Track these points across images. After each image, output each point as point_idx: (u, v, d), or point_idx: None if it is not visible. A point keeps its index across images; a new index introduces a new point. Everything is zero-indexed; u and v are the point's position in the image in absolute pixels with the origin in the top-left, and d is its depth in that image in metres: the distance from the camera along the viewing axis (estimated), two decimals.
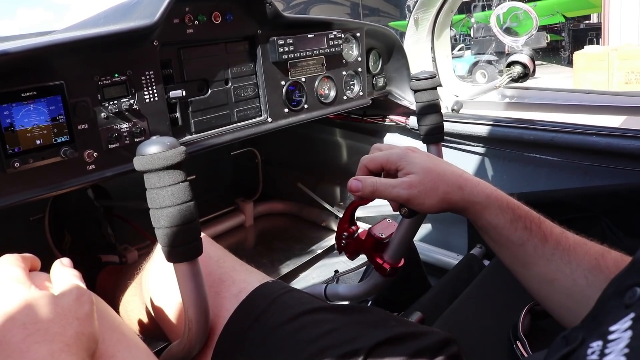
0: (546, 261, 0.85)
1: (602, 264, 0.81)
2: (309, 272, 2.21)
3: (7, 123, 1.02)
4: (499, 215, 0.88)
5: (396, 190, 0.91)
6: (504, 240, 0.88)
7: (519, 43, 2.08)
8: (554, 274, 0.84)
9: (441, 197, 0.89)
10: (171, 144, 0.81)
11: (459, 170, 0.94)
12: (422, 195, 0.89)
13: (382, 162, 0.97)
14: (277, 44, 1.52)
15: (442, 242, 2.13)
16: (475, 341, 1.14)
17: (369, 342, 0.86)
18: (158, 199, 0.81)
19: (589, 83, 9.47)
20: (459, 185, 0.90)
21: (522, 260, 0.88)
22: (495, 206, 0.88)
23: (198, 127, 1.42)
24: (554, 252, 0.84)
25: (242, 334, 0.92)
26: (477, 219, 0.90)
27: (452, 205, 0.90)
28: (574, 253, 0.83)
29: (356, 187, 0.95)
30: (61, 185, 1.14)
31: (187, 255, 0.85)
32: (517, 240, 0.87)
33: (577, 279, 0.82)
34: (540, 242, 0.85)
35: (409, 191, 0.90)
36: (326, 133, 2.54)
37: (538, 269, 0.86)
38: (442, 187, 0.89)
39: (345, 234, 1.18)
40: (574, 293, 0.82)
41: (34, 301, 0.67)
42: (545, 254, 0.85)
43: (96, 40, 1.17)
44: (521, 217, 0.87)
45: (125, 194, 2.14)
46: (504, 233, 0.88)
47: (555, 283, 0.84)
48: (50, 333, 0.64)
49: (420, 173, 0.90)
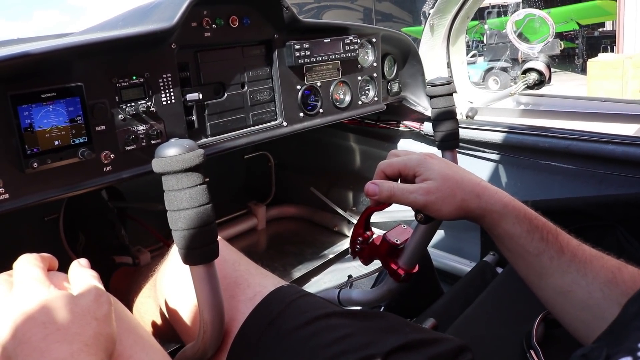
0: (562, 273, 0.84)
1: (618, 277, 0.81)
2: (321, 277, 2.20)
3: (26, 123, 1.02)
4: (516, 225, 0.87)
5: (413, 196, 0.90)
6: (519, 250, 0.88)
7: (535, 50, 2.08)
8: (569, 286, 0.83)
9: (458, 204, 0.89)
10: (190, 147, 0.81)
11: (477, 178, 0.94)
12: (439, 201, 0.89)
13: (400, 167, 0.96)
14: (294, 49, 1.53)
15: (455, 249, 2.13)
16: (488, 349, 1.14)
17: (384, 348, 0.85)
18: (176, 201, 0.81)
19: (603, 91, 9.41)
20: (477, 194, 0.90)
21: (538, 271, 0.87)
22: (512, 216, 0.88)
23: (214, 130, 1.42)
24: (570, 264, 0.84)
25: (257, 338, 0.92)
26: (493, 227, 0.90)
27: (468, 213, 0.90)
28: (590, 266, 0.83)
29: (373, 191, 0.95)
30: (78, 186, 1.15)
31: (204, 258, 0.85)
32: (533, 250, 0.86)
33: (593, 292, 0.81)
34: (557, 254, 0.84)
35: (426, 197, 0.89)
36: (340, 138, 2.54)
37: (553, 280, 0.85)
38: (460, 194, 0.89)
39: (360, 239, 1.18)
40: (589, 306, 0.82)
41: (53, 301, 0.67)
42: (561, 266, 0.84)
43: (115, 43, 1.18)
44: (538, 227, 0.86)
45: (139, 195, 2.15)
46: (520, 243, 0.87)
47: (571, 295, 0.84)
48: (70, 333, 0.65)
49: (438, 179, 0.90)
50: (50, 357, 0.62)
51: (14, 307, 0.66)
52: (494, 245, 1.81)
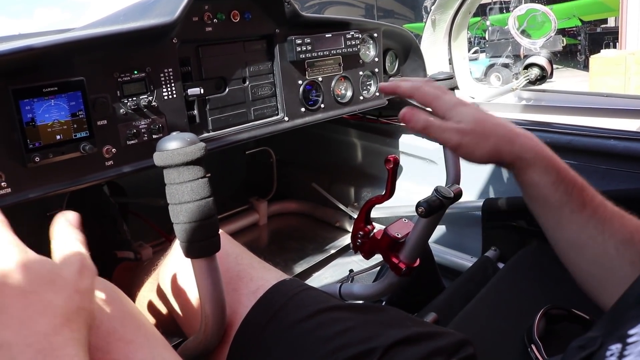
0: (580, 227, 0.85)
1: (636, 238, 0.81)
2: (323, 272, 2.21)
3: (28, 118, 1.03)
4: (543, 175, 0.86)
5: (447, 134, 0.87)
6: (542, 199, 0.88)
7: (537, 45, 2.07)
8: (585, 240, 0.84)
9: (491, 148, 0.87)
10: (191, 140, 0.82)
11: (511, 124, 0.91)
12: (472, 143, 0.87)
13: (432, 100, 0.91)
14: (295, 44, 1.53)
15: (456, 244, 2.12)
16: (489, 343, 1.14)
17: (385, 341, 0.86)
18: (177, 194, 0.81)
19: (605, 87, 9.39)
20: (510, 139, 0.88)
21: (556, 223, 0.88)
22: (541, 165, 0.86)
23: (215, 124, 1.42)
24: (589, 219, 0.84)
25: (259, 331, 0.92)
26: (520, 174, 0.89)
27: (500, 158, 0.88)
28: (609, 223, 0.83)
29: (409, 118, 0.90)
30: (80, 180, 1.15)
31: (205, 251, 0.85)
32: (555, 202, 0.86)
33: (608, 249, 0.82)
34: (578, 208, 0.85)
35: (461, 137, 0.87)
36: (341, 133, 2.54)
37: (570, 233, 0.86)
38: (493, 139, 0.87)
39: (361, 233, 1.19)
40: (602, 262, 0.83)
41: (33, 267, 0.59)
42: (580, 220, 0.85)
43: (116, 37, 1.18)
44: (564, 180, 0.86)
45: (140, 191, 2.15)
46: (543, 193, 0.87)
47: (585, 250, 0.85)
48: (52, 305, 0.58)
49: (472, 123, 0.88)
50: (30, 329, 0.55)
51: None
52: (495, 240, 1.83)
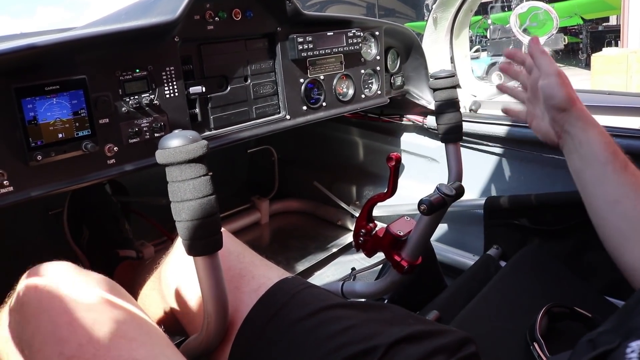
0: (619, 184, 0.97)
1: None
2: (324, 270, 2.20)
3: (30, 116, 1.03)
4: (599, 135, 1.01)
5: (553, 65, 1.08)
6: (592, 157, 1.00)
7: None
8: (620, 196, 0.96)
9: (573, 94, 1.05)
10: (193, 138, 0.82)
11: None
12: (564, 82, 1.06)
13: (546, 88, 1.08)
14: (297, 42, 1.53)
15: (458, 242, 2.12)
16: (491, 341, 1.14)
17: (388, 339, 0.86)
18: (179, 192, 0.82)
19: (607, 86, 9.37)
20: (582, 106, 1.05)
21: (599, 179, 0.99)
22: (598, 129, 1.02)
23: (217, 123, 1.42)
24: (628, 178, 0.96)
25: (261, 329, 0.92)
26: (582, 130, 1.03)
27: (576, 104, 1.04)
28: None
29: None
30: (82, 179, 1.15)
31: (207, 249, 0.85)
32: (604, 159, 0.98)
33: (638, 206, 0.94)
34: (621, 168, 0.97)
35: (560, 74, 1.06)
36: (343, 132, 2.54)
37: (608, 188, 0.98)
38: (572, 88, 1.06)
39: (363, 231, 1.19)
40: (630, 217, 0.94)
41: None
42: (620, 178, 0.97)
43: (118, 36, 1.18)
44: (612, 143, 1.00)
45: (142, 190, 2.15)
46: (595, 149, 1.00)
47: (618, 205, 0.96)
48: None
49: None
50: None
51: None
52: (497, 238, 1.82)
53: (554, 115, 1.08)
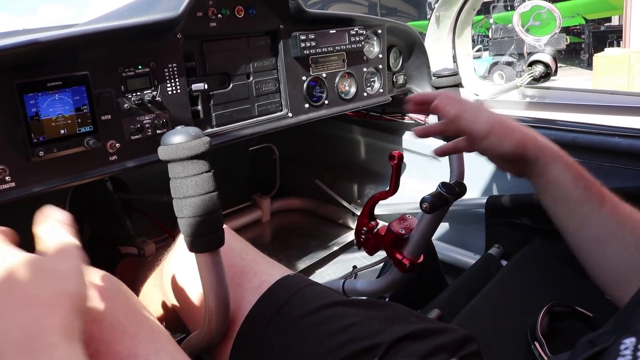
0: (601, 224, 0.86)
1: None
2: (325, 269, 2.21)
3: (32, 112, 1.03)
4: (564, 171, 0.90)
5: (478, 125, 0.94)
6: (564, 197, 0.90)
7: (542, 42, 2.07)
8: (606, 237, 0.86)
9: (518, 140, 0.92)
10: (196, 134, 0.81)
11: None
12: (501, 134, 0.93)
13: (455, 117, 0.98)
14: (299, 39, 1.52)
15: (459, 241, 2.12)
16: (492, 340, 1.14)
17: (390, 337, 0.86)
18: (182, 188, 0.81)
19: (608, 86, 9.36)
20: (534, 137, 0.93)
21: (578, 221, 0.89)
22: (562, 161, 0.91)
23: (219, 120, 1.42)
24: (610, 215, 0.86)
25: (263, 326, 0.92)
26: (543, 171, 0.92)
27: (525, 151, 0.92)
28: (629, 219, 0.85)
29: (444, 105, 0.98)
30: (84, 175, 1.15)
31: (210, 246, 0.85)
32: (577, 198, 0.88)
33: (628, 246, 0.84)
34: (599, 204, 0.87)
35: (491, 127, 0.93)
36: (344, 130, 2.54)
37: (592, 230, 0.88)
38: (519, 133, 0.93)
39: (365, 229, 1.19)
40: (623, 258, 0.84)
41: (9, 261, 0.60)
42: (601, 217, 0.86)
43: (121, 32, 1.18)
44: (583, 176, 0.89)
45: (144, 187, 2.15)
46: (565, 189, 0.90)
47: (606, 246, 0.86)
48: (30, 296, 0.57)
49: (498, 119, 0.95)
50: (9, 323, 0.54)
51: None
52: (498, 237, 1.82)
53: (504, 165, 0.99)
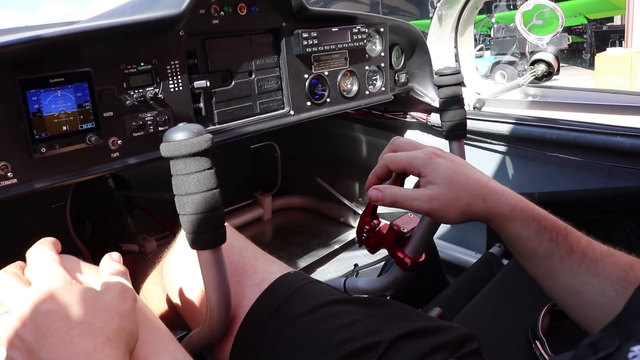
0: (573, 274, 0.82)
1: (631, 275, 0.79)
2: (326, 267, 2.21)
3: (34, 108, 1.03)
4: (524, 227, 0.85)
5: (417, 203, 0.88)
6: (529, 252, 0.86)
7: (544, 41, 2.06)
8: (580, 286, 0.82)
9: (463, 209, 0.86)
10: (198, 131, 0.81)
11: (485, 178, 0.90)
12: (443, 208, 0.87)
13: (405, 165, 0.94)
14: (302, 37, 1.52)
15: (460, 240, 2.12)
16: (493, 339, 1.14)
17: (390, 335, 0.86)
18: (184, 185, 0.81)
19: (611, 86, 9.34)
20: (483, 197, 0.87)
21: (548, 273, 0.85)
22: (520, 218, 0.85)
23: (221, 117, 1.42)
24: (580, 264, 0.82)
25: (264, 323, 0.92)
26: (501, 230, 0.88)
27: (474, 217, 0.87)
28: (601, 265, 0.81)
29: (376, 197, 0.94)
30: (85, 172, 1.15)
31: (211, 243, 0.85)
32: (542, 252, 0.84)
33: (606, 291, 0.79)
34: (567, 254, 0.82)
35: (430, 204, 0.87)
36: (346, 128, 2.54)
37: (564, 281, 0.83)
38: (465, 198, 0.86)
39: (367, 227, 1.18)
40: (603, 305, 0.80)
41: (77, 295, 0.68)
42: (571, 267, 0.82)
43: (123, 29, 1.18)
44: (547, 228, 0.84)
45: (145, 185, 2.15)
46: (528, 245, 0.85)
47: (583, 295, 0.82)
48: (93, 327, 0.65)
49: (442, 184, 0.87)
50: (73, 349, 0.63)
51: (37, 301, 0.66)
52: (500, 237, 1.82)
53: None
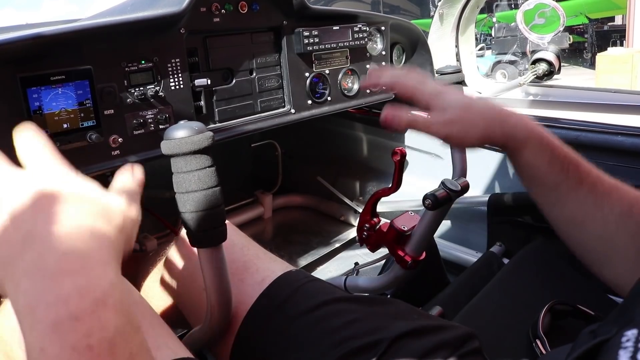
0: (579, 204, 0.84)
1: (635, 209, 0.80)
2: (327, 265, 2.20)
3: (35, 106, 1.03)
4: (537, 155, 0.85)
5: (435, 127, 0.85)
6: (539, 179, 0.87)
7: (545, 40, 2.06)
8: (584, 217, 0.84)
9: (481, 132, 0.85)
10: (199, 129, 0.81)
11: (499, 105, 0.89)
12: (462, 132, 0.85)
13: (413, 90, 0.89)
14: (303, 36, 1.52)
15: (461, 239, 2.12)
16: (494, 338, 1.14)
17: (392, 333, 0.85)
18: (184, 183, 0.81)
19: (611, 85, 9.33)
20: (500, 121, 0.86)
21: (554, 201, 0.87)
22: (534, 144, 0.85)
23: (222, 116, 1.42)
24: (587, 195, 0.83)
25: (265, 322, 0.92)
26: (515, 155, 0.88)
27: (492, 140, 0.86)
28: (607, 197, 0.82)
29: (391, 119, 0.87)
30: (86, 170, 1.15)
31: (212, 241, 0.85)
32: (552, 181, 0.85)
33: (608, 224, 0.82)
34: (575, 185, 0.83)
35: (449, 128, 0.85)
36: (347, 127, 2.54)
37: (569, 211, 0.85)
38: (482, 123, 0.85)
39: (367, 226, 1.18)
40: (603, 237, 0.83)
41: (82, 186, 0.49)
42: (578, 197, 0.84)
43: (124, 27, 1.18)
44: (559, 157, 0.84)
45: (146, 182, 2.15)
46: (539, 172, 0.86)
47: (585, 226, 0.84)
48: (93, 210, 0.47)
49: (458, 110, 0.85)
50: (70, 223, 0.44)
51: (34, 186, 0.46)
52: (500, 235, 1.82)
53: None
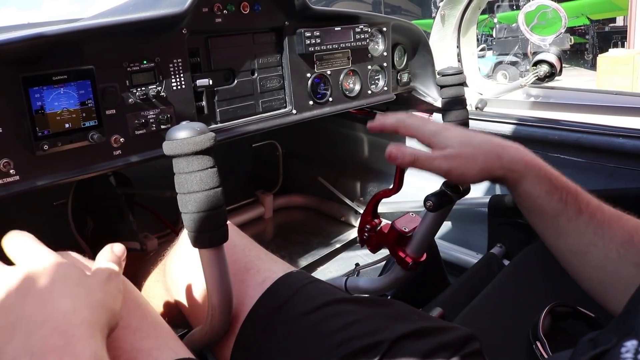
0: (579, 234, 0.84)
1: (636, 238, 0.81)
2: (327, 266, 2.21)
3: (37, 106, 1.03)
4: (536, 185, 0.87)
5: (437, 162, 0.89)
6: (538, 210, 0.88)
7: (547, 42, 2.06)
8: (586, 247, 0.84)
9: (481, 167, 0.88)
10: (201, 130, 0.81)
11: (497, 138, 0.92)
12: (462, 166, 0.88)
13: (415, 133, 0.96)
14: (304, 36, 1.52)
15: (462, 240, 2.12)
16: (494, 339, 1.13)
17: (392, 334, 0.85)
18: (186, 184, 0.81)
19: (613, 87, 9.34)
20: (498, 154, 0.89)
21: (555, 231, 0.87)
22: (532, 175, 0.87)
23: (223, 116, 1.42)
24: (587, 225, 0.83)
25: (266, 322, 0.92)
26: (514, 187, 0.89)
27: (491, 174, 0.89)
28: (608, 227, 0.83)
29: (396, 155, 0.94)
30: (88, 169, 1.15)
31: (213, 241, 0.85)
32: (551, 211, 0.86)
33: (609, 253, 0.82)
34: (575, 215, 0.84)
35: (450, 163, 0.88)
36: (348, 128, 2.54)
37: (570, 240, 0.86)
38: (481, 157, 0.88)
39: (368, 227, 1.18)
40: (605, 266, 0.82)
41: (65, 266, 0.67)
42: (578, 227, 0.84)
43: (126, 27, 1.18)
44: (558, 188, 0.86)
45: (146, 183, 2.16)
46: (538, 203, 0.87)
47: (587, 256, 0.84)
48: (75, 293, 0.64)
49: (457, 146, 0.89)
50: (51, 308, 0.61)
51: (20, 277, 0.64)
52: (501, 237, 1.82)
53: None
